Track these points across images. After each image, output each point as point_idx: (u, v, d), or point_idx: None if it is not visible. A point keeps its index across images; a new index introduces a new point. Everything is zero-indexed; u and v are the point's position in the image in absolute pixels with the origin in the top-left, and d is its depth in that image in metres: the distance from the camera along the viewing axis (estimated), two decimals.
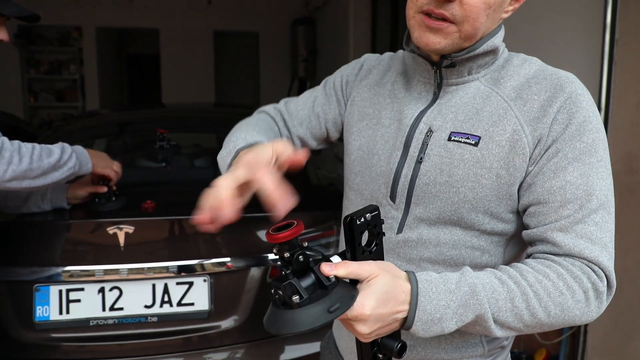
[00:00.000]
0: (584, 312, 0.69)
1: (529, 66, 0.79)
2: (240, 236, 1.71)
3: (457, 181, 0.74)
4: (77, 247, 1.61)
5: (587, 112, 0.72)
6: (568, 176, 0.70)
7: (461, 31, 0.72)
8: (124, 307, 1.60)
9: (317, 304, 0.58)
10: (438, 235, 0.77)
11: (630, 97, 1.73)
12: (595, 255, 0.68)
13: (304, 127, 0.96)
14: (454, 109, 0.78)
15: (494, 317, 0.66)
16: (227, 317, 1.65)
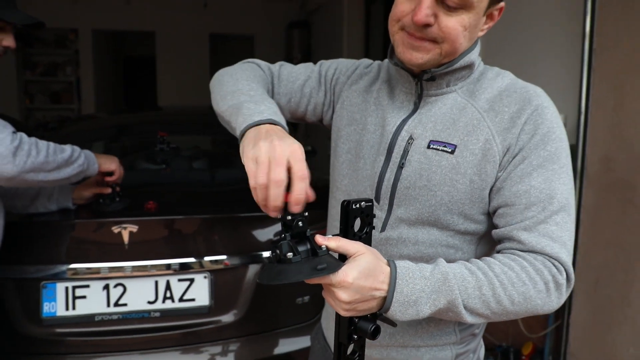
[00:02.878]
0: (545, 302, 0.76)
1: (502, 80, 0.87)
2: (239, 235, 1.79)
3: (434, 185, 0.82)
4: (83, 245, 1.68)
5: (551, 123, 0.80)
6: (533, 181, 0.78)
7: (442, 50, 0.79)
8: (127, 303, 1.67)
9: (307, 262, 0.67)
10: (417, 235, 0.85)
11: (607, 102, 1.83)
12: (555, 251, 0.76)
13: (287, 99, 0.99)
14: (433, 118, 0.85)
15: (464, 304, 0.73)
16: (226, 312, 1.72)
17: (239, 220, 1.81)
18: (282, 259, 0.66)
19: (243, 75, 0.92)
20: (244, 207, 1.85)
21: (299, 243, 0.68)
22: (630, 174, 1.75)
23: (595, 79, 1.86)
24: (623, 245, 1.79)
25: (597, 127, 1.87)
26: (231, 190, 2.04)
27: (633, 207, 1.74)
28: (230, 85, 0.89)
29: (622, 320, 1.81)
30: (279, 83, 1.00)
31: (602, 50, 1.84)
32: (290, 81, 1.00)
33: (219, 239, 1.75)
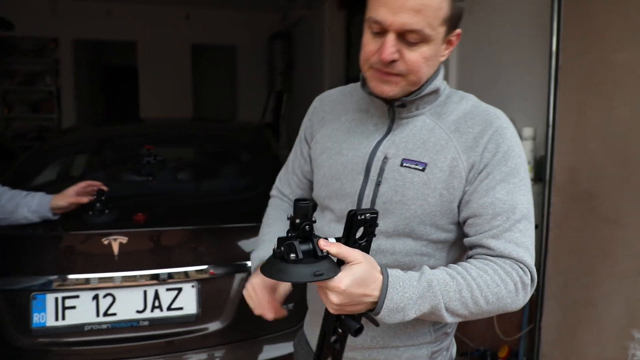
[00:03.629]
0: (513, 300, 0.85)
1: (466, 103, 0.96)
2: (225, 245, 1.85)
3: (408, 200, 0.91)
4: (73, 257, 1.73)
5: (510, 142, 0.90)
6: (497, 194, 0.87)
7: (408, 81, 0.89)
8: (117, 313, 1.71)
9: (307, 266, 0.74)
10: (393, 245, 0.93)
11: (571, 117, 1.95)
12: (520, 255, 0.86)
13: (293, 189, 1.17)
14: (405, 139, 0.94)
15: (446, 307, 0.81)
16: (213, 320, 1.78)
17: (225, 230, 1.87)
18: (285, 257, 0.74)
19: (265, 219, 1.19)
20: (229, 218, 1.92)
21: (303, 243, 0.75)
22: (593, 184, 1.87)
23: (560, 95, 1.98)
24: (587, 251, 1.91)
25: (563, 141, 1.99)
26: (217, 201, 2.10)
27: (595, 215, 1.86)
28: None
29: (588, 321, 1.92)
30: (283, 187, 1.20)
31: (566, 69, 1.96)
32: (286, 178, 1.20)
33: (206, 249, 1.81)
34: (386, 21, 0.83)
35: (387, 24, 0.83)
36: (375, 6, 0.85)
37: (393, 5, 0.82)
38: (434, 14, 0.83)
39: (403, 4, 0.82)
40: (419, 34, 0.83)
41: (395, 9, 0.82)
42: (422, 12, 0.82)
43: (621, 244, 1.77)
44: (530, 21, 2.31)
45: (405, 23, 0.82)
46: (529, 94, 2.32)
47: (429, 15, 0.83)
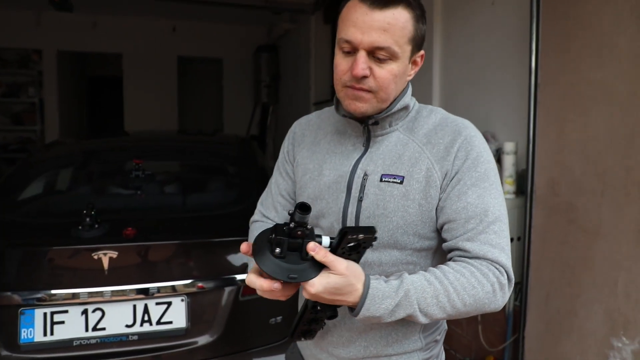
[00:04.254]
0: (491, 301, 0.89)
1: (435, 116, 1.02)
2: (214, 259, 1.86)
3: (390, 212, 0.95)
4: (62, 272, 1.72)
5: (479, 149, 0.96)
6: (469, 198, 0.92)
7: (377, 97, 0.95)
8: (106, 327, 1.71)
9: (286, 265, 0.79)
10: (380, 258, 0.97)
11: (550, 132, 2.02)
12: (496, 256, 0.90)
13: (279, 212, 1.16)
14: (382, 155, 1.00)
15: (422, 311, 0.85)
16: (203, 333, 1.79)
17: (214, 244, 1.89)
18: (272, 249, 0.79)
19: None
20: (218, 232, 1.93)
21: (293, 242, 0.80)
22: (572, 196, 1.94)
23: (540, 111, 2.06)
24: (568, 262, 1.97)
25: (543, 154, 2.06)
26: (205, 215, 2.12)
27: (576, 227, 1.92)
28: None
29: (570, 330, 1.97)
30: (267, 212, 1.19)
31: (545, 85, 2.04)
32: (269, 202, 1.19)
33: (195, 263, 1.82)
34: (356, 39, 0.90)
35: (357, 42, 0.90)
36: (345, 27, 0.92)
37: (362, 25, 0.89)
38: (400, 33, 0.91)
39: (371, 24, 0.89)
40: (388, 50, 0.90)
41: (364, 29, 0.89)
42: (389, 30, 0.89)
43: (601, 255, 1.83)
44: (510, 40, 2.40)
45: (374, 41, 0.89)
46: (510, 110, 2.40)
47: (396, 34, 0.90)
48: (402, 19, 0.91)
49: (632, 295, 1.72)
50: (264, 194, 1.24)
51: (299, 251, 0.80)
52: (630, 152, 1.69)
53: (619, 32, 1.71)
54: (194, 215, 2.11)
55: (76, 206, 2.04)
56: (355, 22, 0.90)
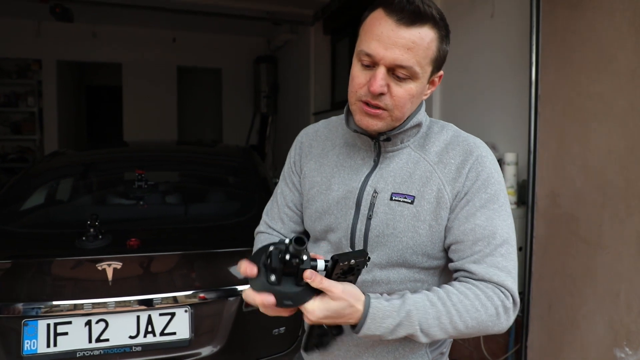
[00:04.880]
0: (495, 324, 0.88)
1: (446, 133, 1.01)
2: (218, 269, 1.86)
3: (400, 232, 0.94)
4: (66, 282, 1.72)
5: (490, 169, 0.95)
6: (477, 220, 0.91)
7: (392, 116, 0.93)
8: (109, 338, 1.70)
9: (281, 291, 0.80)
10: (388, 276, 0.97)
11: (551, 144, 2.04)
12: (502, 279, 0.89)
13: (286, 223, 1.15)
14: (392, 173, 0.98)
15: (423, 331, 0.85)
16: (206, 344, 1.78)
17: (218, 255, 1.89)
18: (267, 276, 0.80)
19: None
20: (222, 242, 1.94)
21: (289, 269, 0.80)
22: (574, 208, 1.95)
23: (541, 123, 2.08)
24: (570, 273, 1.98)
25: (544, 166, 2.08)
26: (208, 226, 2.12)
27: (577, 238, 1.94)
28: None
29: (572, 340, 1.98)
30: (274, 222, 1.16)
31: (546, 98, 2.06)
32: (275, 212, 1.17)
33: (199, 274, 1.82)
34: (378, 55, 0.87)
35: (379, 57, 0.87)
36: (367, 39, 0.89)
37: (386, 40, 0.86)
38: (423, 53, 0.87)
39: (396, 41, 0.86)
40: (409, 70, 0.87)
41: (388, 45, 0.86)
42: (413, 50, 0.86)
43: (602, 266, 1.85)
44: (509, 52, 2.43)
45: (396, 58, 0.86)
46: (511, 121, 2.42)
47: (419, 54, 0.87)
48: (428, 39, 0.87)
49: (634, 306, 1.73)
50: (269, 204, 1.21)
51: (294, 276, 0.80)
52: (630, 164, 1.71)
53: (618, 47, 1.73)
54: (197, 226, 2.12)
55: (79, 217, 2.05)
56: (379, 36, 0.86)
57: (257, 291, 0.81)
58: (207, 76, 7.46)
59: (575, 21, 1.91)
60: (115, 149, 3.12)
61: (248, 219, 2.16)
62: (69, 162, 2.75)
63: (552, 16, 2.03)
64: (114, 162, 2.77)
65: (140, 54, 6.63)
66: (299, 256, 0.79)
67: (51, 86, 6.49)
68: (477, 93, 2.60)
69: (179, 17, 5.46)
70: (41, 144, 6.65)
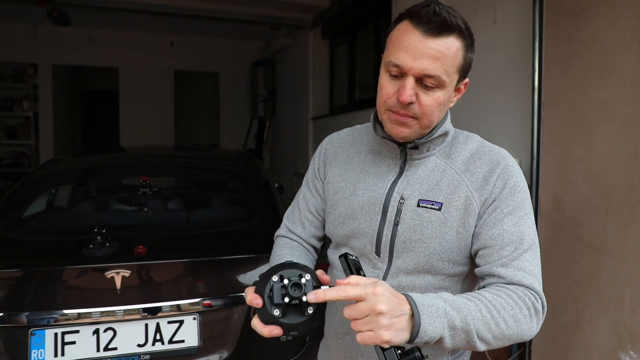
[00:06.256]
0: (529, 326, 0.85)
1: (472, 143, 1.03)
2: (226, 276, 1.86)
3: (427, 238, 0.96)
4: (73, 291, 1.71)
5: (516, 178, 0.97)
6: (505, 226, 0.93)
7: (421, 124, 0.95)
8: (117, 347, 1.69)
9: (286, 323, 0.79)
10: (414, 282, 0.98)
11: (555, 149, 2.06)
12: (530, 282, 0.89)
13: (307, 228, 1.17)
14: (419, 180, 1.00)
15: (477, 330, 0.79)
16: (215, 352, 1.78)
17: (226, 262, 1.89)
18: (271, 309, 0.79)
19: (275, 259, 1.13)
20: (230, 249, 1.94)
21: (295, 302, 0.80)
22: (577, 213, 1.97)
23: (544, 129, 2.10)
24: (574, 277, 2.00)
25: (547, 171, 2.10)
26: (215, 232, 2.12)
27: (581, 242, 1.96)
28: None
29: (577, 344, 2.00)
30: (295, 227, 1.19)
31: (549, 104, 2.09)
32: (297, 217, 1.19)
33: (206, 281, 1.82)
34: (406, 66, 0.89)
35: (407, 68, 0.89)
36: (395, 50, 0.91)
37: (414, 51, 0.88)
38: (450, 62, 0.90)
39: (423, 51, 0.88)
40: (437, 79, 0.90)
41: (416, 55, 0.88)
42: (440, 59, 0.89)
43: (606, 270, 1.87)
44: (512, 59, 2.45)
45: (424, 68, 0.88)
46: (515, 127, 2.44)
47: (446, 63, 0.89)
48: (454, 48, 0.90)
49: (638, 310, 1.75)
50: (290, 208, 1.23)
51: (298, 306, 0.79)
52: (634, 170, 1.74)
53: (622, 54, 1.76)
54: (204, 232, 2.11)
55: (84, 224, 2.04)
56: (407, 47, 0.89)
57: (263, 322, 0.81)
58: (205, 80, 7.45)
59: (578, 28, 1.93)
60: (115, 155, 3.11)
61: (255, 225, 2.16)
62: (70, 169, 2.73)
63: (554, 24, 2.06)
64: (116, 169, 2.76)
65: (137, 58, 6.61)
66: (302, 290, 0.79)
67: (47, 90, 6.46)
68: (480, 99, 2.62)
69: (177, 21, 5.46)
70: (36, 149, 6.62)
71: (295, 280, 0.79)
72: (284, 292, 0.79)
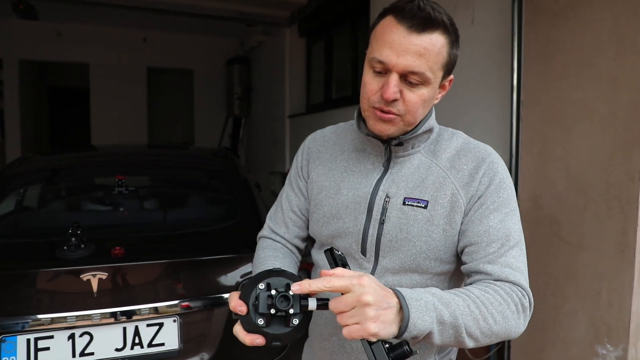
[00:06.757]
0: (517, 323, 0.84)
1: (457, 139, 1.02)
2: (206, 277, 1.82)
3: (413, 237, 0.94)
4: (46, 295, 1.64)
5: (502, 175, 0.96)
6: (491, 222, 0.92)
7: (404, 121, 0.94)
8: (94, 352, 1.64)
9: (270, 333, 0.76)
10: (400, 281, 0.97)
11: (534, 148, 2.10)
12: (517, 279, 0.88)
13: (290, 228, 1.14)
14: (404, 177, 0.99)
15: (465, 326, 0.78)
16: (196, 354, 1.74)
17: (207, 263, 1.85)
18: (255, 318, 0.76)
19: (258, 261, 1.10)
20: (210, 249, 1.90)
21: (277, 315, 0.77)
22: (555, 210, 2.01)
23: (523, 128, 2.13)
24: (552, 274, 2.04)
25: (526, 170, 2.14)
26: (194, 232, 2.07)
27: (559, 239, 2.00)
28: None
29: (555, 339, 2.04)
30: (278, 228, 1.16)
31: (528, 104, 2.12)
32: (280, 217, 1.17)
33: (186, 282, 1.78)
34: (390, 62, 0.88)
35: (391, 64, 0.88)
36: (379, 47, 0.89)
37: (398, 47, 0.87)
38: (435, 59, 0.88)
39: (407, 47, 0.86)
40: (421, 76, 0.88)
41: (400, 52, 0.87)
42: (425, 56, 0.87)
43: (583, 266, 1.91)
44: (490, 58, 2.48)
45: (408, 65, 0.87)
46: (493, 126, 2.47)
47: (431, 59, 0.88)
48: (439, 45, 0.88)
49: (614, 304, 1.80)
50: (272, 209, 1.21)
51: (283, 317, 0.77)
52: (611, 167, 1.78)
53: (599, 55, 1.80)
54: (183, 233, 2.06)
55: (57, 225, 1.97)
56: (391, 43, 0.87)
57: (246, 330, 0.78)
58: (179, 78, 7.33)
59: (557, 29, 1.96)
60: (87, 153, 3.01)
61: (234, 224, 2.12)
62: (40, 168, 2.62)
63: (533, 24, 2.09)
64: (89, 167, 2.66)
65: (109, 54, 6.45)
66: (290, 303, 0.76)
67: (13, 87, 6.25)
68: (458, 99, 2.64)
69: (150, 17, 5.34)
70: (2, 147, 6.38)
71: (283, 293, 0.77)
72: (270, 302, 0.76)
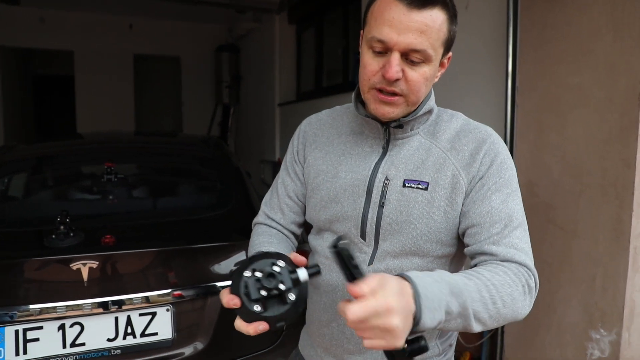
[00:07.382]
0: (523, 305, 0.82)
1: (456, 121, 1.00)
2: (199, 266, 1.79)
3: (414, 219, 0.92)
4: (34, 285, 1.60)
5: (503, 155, 0.95)
6: (493, 203, 0.90)
7: (407, 101, 0.91)
8: (85, 342, 1.60)
9: (270, 316, 0.74)
10: (401, 265, 0.95)
11: (529, 134, 2.09)
12: (522, 259, 0.87)
13: (286, 214, 1.12)
14: (403, 159, 0.97)
15: (473, 308, 0.76)
16: (190, 343, 1.71)
17: (200, 251, 1.81)
18: (251, 306, 0.74)
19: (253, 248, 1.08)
20: (203, 237, 1.86)
21: (278, 298, 0.75)
22: (550, 197, 2.01)
23: (519, 114, 2.12)
24: (547, 259, 2.04)
25: (521, 156, 2.13)
26: (186, 219, 2.03)
27: (554, 226, 2.00)
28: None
29: (549, 325, 2.05)
30: (274, 213, 1.14)
31: (524, 90, 2.11)
32: (276, 203, 1.15)
33: (179, 271, 1.74)
34: (391, 40, 0.85)
35: (392, 43, 0.85)
36: (378, 25, 0.87)
37: (398, 25, 0.84)
38: (436, 35, 0.86)
39: (408, 25, 0.84)
40: (423, 54, 0.86)
41: (401, 30, 0.84)
42: (426, 33, 0.85)
43: (578, 252, 1.91)
44: (485, 44, 2.46)
45: (410, 43, 0.85)
46: (488, 112, 2.46)
47: (432, 37, 0.86)
48: (439, 21, 0.86)
49: (609, 290, 1.81)
50: (268, 194, 1.18)
51: (278, 297, 0.75)
52: (607, 154, 1.77)
53: (596, 40, 1.78)
54: (175, 220, 2.02)
55: (45, 213, 1.91)
56: (390, 21, 0.85)
57: (246, 322, 0.76)
58: (166, 65, 7.20)
59: (554, 15, 1.94)
60: (73, 141, 2.94)
61: (227, 212, 2.09)
62: (26, 156, 2.55)
63: (529, 10, 2.07)
64: (76, 155, 2.60)
65: (94, 41, 6.31)
66: (278, 278, 0.74)
67: None
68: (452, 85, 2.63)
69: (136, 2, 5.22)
70: None
71: (269, 271, 0.75)
72: (259, 285, 0.74)
